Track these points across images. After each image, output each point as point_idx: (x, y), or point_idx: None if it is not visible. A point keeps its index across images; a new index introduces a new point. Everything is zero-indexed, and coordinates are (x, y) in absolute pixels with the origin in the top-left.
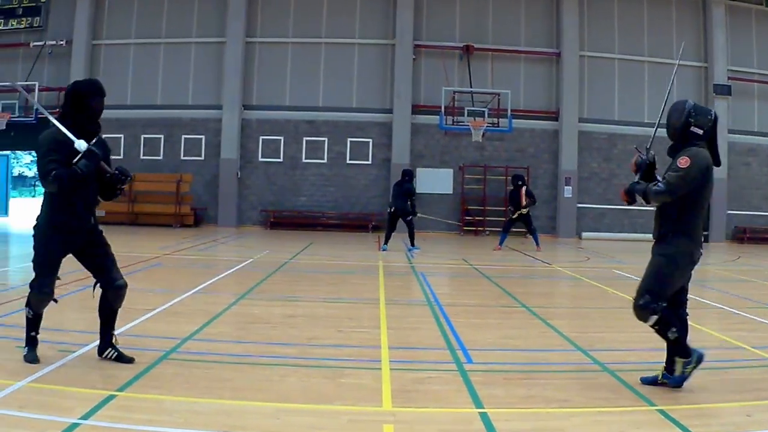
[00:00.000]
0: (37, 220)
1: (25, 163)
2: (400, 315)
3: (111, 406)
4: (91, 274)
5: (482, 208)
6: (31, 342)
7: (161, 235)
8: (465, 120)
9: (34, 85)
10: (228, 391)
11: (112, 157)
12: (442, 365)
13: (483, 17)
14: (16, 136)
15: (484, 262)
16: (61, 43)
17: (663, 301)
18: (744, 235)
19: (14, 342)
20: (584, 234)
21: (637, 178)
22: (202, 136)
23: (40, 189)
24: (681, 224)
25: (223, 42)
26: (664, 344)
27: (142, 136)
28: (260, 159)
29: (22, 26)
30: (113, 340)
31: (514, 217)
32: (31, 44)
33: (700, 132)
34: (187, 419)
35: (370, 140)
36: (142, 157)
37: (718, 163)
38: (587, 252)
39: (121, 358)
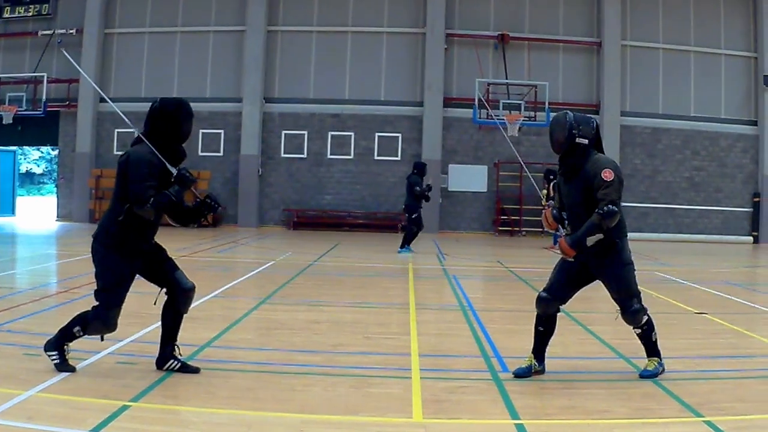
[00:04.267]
0: (96, 241)
1: (33, 159)
2: (431, 320)
3: (125, 417)
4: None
5: (518, 207)
6: (63, 350)
7: (178, 236)
8: (500, 113)
9: (42, 77)
10: (249, 401)
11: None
12: (476, 374)
13: (519, 4)
14: (24, 131)
15: (521, 264)
16: (71, 32)
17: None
18: None
19: (22, 349)
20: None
21: (564, 231)
22: (221, 131)
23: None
24: (622, 228)
25: (243, 31)
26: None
27: None
28: (283, 155)
29: (30, 14)
30: (175, 351)
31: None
32: (40, 33)
33: (586, 142)
34: (205, 431)
35: (400, 135)
36: None
37: None
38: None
39: (187, 369)
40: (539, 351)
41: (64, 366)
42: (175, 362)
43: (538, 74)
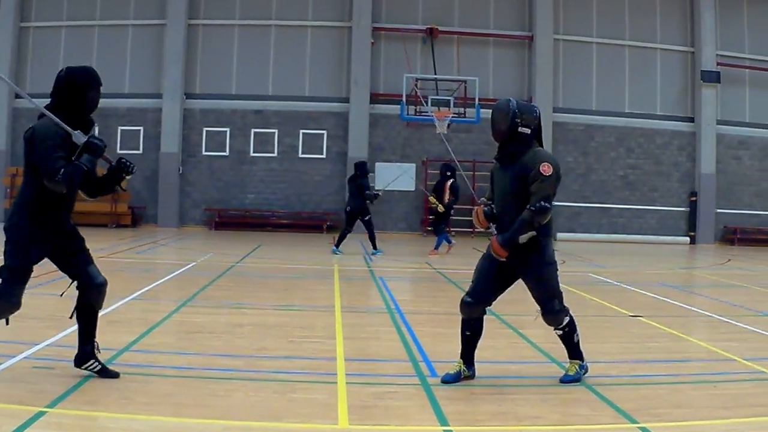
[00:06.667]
0: (12, 219)
1: None
2: (357, 324)
3: (40, 424)
4: (66, 275)
5: None
6: None
7: (96, 236)
8: (428, 110)
9: None
10: (169, 407)
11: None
12: (404, 379)
13: None
14: None
15: (450, 265)
16: None
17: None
18: (734, 236)
19: None
20: (558, 235)
21: (494, 227)
22: (140, 128)
23: None
24: (548, 227)
25: (163, 24)
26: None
27: None
28: (204, 153)
29: None
30: (95, 350)
31: (439, 211)
32: None
33: (528, 131)
34: None
35: (325, 132)
36: None
37: None
38: (562, 254)
39: (106, 373)
40: (468, 356)
41: None
42: (95, 363)
43: (467, 69)
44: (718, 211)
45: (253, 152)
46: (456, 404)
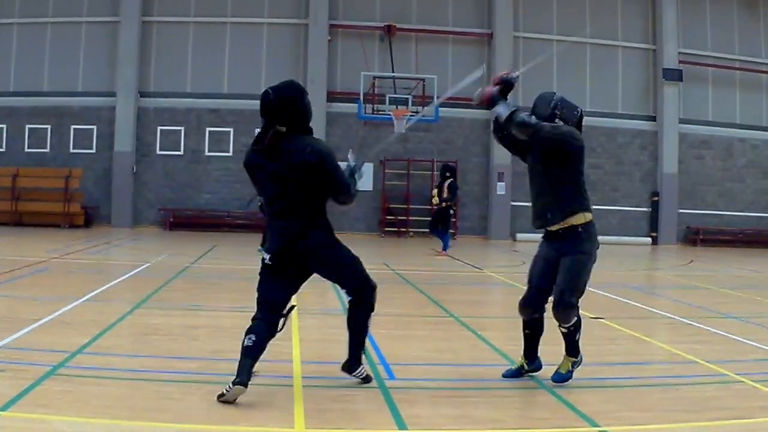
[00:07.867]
0: (322, 239)
1: None
2: (314, 326)
3: None
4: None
5: (405, 206)
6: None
7: (48, 237)
8: (386, 108)
9: None
10: (123, 410)
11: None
12: (361, 382)
13: None
14: None
15: (408, 266)
16: None
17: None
18: (697, 237)
19: None
20: (519, 235)
21: (496, 90)
22: (94, 127)
23: None
24: (585, 200)
25: (116, 21)
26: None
27: (27, 126)
28: (158, 152)
29: None
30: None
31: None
32: None
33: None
34: None
35: None
36: (26, 149)
37: None
38: (522, 255)
39: (367, 380)
40: (529, 352)
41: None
42: (362, 368)
43: (426, 67)
44: (681, 211)
45: (209, 151)
46: (414, 408)
